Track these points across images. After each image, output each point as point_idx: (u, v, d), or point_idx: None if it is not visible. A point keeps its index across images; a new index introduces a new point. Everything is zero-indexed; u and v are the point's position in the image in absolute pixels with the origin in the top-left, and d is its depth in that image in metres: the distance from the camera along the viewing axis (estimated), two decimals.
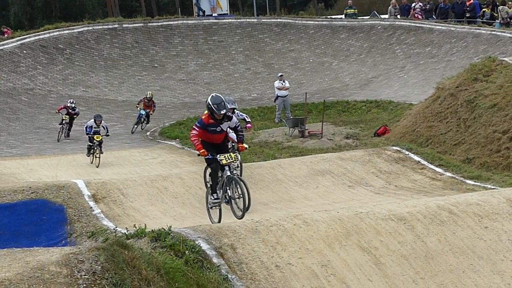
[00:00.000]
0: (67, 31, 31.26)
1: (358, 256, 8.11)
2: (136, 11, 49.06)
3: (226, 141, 11.22)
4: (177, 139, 21.97)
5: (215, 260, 7.67)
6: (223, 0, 34.61)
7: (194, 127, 10.82)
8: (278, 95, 24.33)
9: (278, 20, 33.73)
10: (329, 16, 37.22)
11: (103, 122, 20.24)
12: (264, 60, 31.67)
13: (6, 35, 31.26)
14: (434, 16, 31.03)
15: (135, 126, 24.37)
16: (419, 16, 31.17)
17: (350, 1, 34.83)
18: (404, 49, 29.96)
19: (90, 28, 31.89)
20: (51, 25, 32.27)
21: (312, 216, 8.74)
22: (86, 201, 12.30)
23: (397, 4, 32.41)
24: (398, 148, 15.98)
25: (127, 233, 8.26)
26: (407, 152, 15.70)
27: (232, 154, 10.86)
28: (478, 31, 27.96)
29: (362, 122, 21.67)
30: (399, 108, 22.69)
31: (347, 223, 8.57)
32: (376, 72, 29.37)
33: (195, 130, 10.74)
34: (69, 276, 6.32)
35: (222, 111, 10.55)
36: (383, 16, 36.10)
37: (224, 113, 10.59)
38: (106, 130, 19.93)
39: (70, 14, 42.86)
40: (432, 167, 14.86)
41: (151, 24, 32.85)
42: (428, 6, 31.25)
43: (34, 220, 11.78)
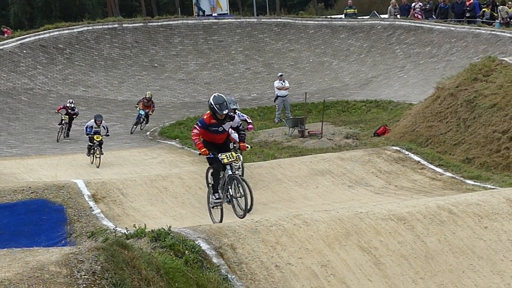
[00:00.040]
0: (67, 31, 31.25)
1: (358, 256, 8.11)
2: (136, 11, 49.06)
3: (228, 141, 11.15)
4: (177, 139, 21.97)
5: (215, 260, 7.67)
6: (223, 0, 34.60)
7: (195, 127, 10.75)
8: (278, 95, 24.32)
9: (278, 20, 33.71)
10: (329, 16, 37.22)
11: (104, 122, 20.23)
12: (264, 60, 31.66)
13: (6, 35, 31.24)
14: (434, 16, 31.02)
15: (134, 127, 24.35)
16: (419, 16, 31.17)
17: (350, 1, 34.84)
18: (404, 49, 29.95)
19: (90, 28, 31.87)
20: (51, 24, 32.25)
21: (312, 216, 8.73)
22: (86, 201, 12.29)
23: (397, 4, 32.40)
24: (398, 148, 15.97)
25: (127, 233, 8.26)
26: (407, 152, 15.69)
27: (234, 153, 10.79)
28: (478, 31, 27.96)
29: (362, 122, 21.66)
30: (399, 108, 22.68)
31: (347, 223, 8.57)
32: (376, 72, 29.36)
33: (196, 129, 10.67)
34: (68, 276, 6.32)
35: (224, 111, 10.45)
36: (383, 16, 36.12)
37: (226, 113, 10.47)
38: (106, 130, 19.91)
39: (70, 14, 42.87)
40: (432, 167, 14.85)
41: (151, 24, 32.83)
42: (428, 6, 31.24)
43: (34, 220, 11.78)
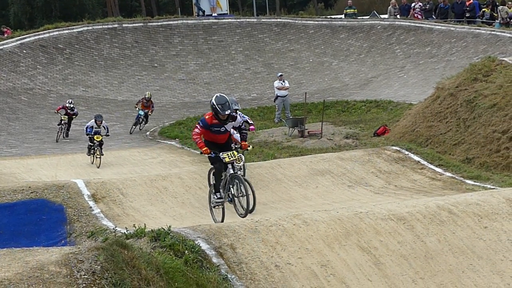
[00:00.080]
0: (67, 31, 31.25)
1: (357, 256, 8.10)
2: (136, 11, 49.06)
3: (230, 141, 11.12)
4: (176, 139, 21.97)
5: (214, 260, 7.67)
6: (223, 0, 34.61)
7: (196, 126, 10.71)
8: (278, 95, 24.32)
9: (278, 20, 33.71)
10: (328, 16, 37.22)
11: (104, 122, 20.23)
12: (264, 60, 31.66)
13: (6, 35, 31.24)
14: (433, 16, 31.02)
15: (133, 127, 24.35)
16: (419, 16, 31.17)
17: (350, 1, 34.84)
18: (403, 49, 29.95)
19: (90, 28, 31.87)
20: (50, 24, 32.26)
21: (311, 216, 8.73)
22: (85, 200, 12.28)
23: (396, 4, 32.41)
24: (398, 148, 15.97)
25: (126, 233, 8.26)
26: (407, 152, 15.69)
27: (235, 152, 10.75)
28: (477, 31, 27.96)
29: (361, 122, 21.67)
30: (399, 108, 22.68)
31: (347, 223, 8.56)
32: (376, 72, 29.36)
33: (197, 129, 10.65)
34: (68, 276, 6.31)
35: (227, 111, 10.38)
36: (382, 16, 36.11)
37: (228, 113, 10.42)
38: (106, 130, 19.91)
39: (69, 14, 42.89)
40: (431, 167, 14.85)
41: (151, 24, 32.83)
42: (428, 6, 31.24)
43: (33, 220, 11.77)
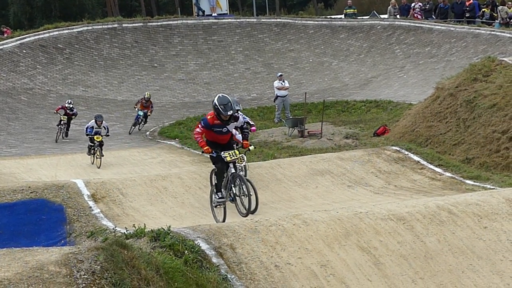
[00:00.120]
0: (67, 31, 31.25)
1: (357, 256, 8.10)
2: (135, 10, 49.06)
3: (232, 141, 11.09)
4: (176, 139, 21.97)
5: (214, 260, 7.66)
6: (223, 0, 34.62)
7: (197, 125, 10.70)
8: (278, 95, 24.32)
9: (278, 20, 33.71)
10: (328, 16, 37.23)
11: (104, 122, 20.23)
12: (264, 60, 31.65)
13: (6, 35, 31.25)
14: (433, 16, 31.03)
15: (133, 127, 24.35)
16: (419, 16, 31.18)
17: (349, 1, 34.85)
18: (403, 49, 29.95)
19: (90, 27, 31.87)
20: (50, 24, 32.27)
21: (311, 216, 8.73)
22: (85, 200, 12.27)
23: (396, 4, 32.42)
24: (398, 148, 15.96)
25: (126, 232, 8.25)
26: (407, 152, 15.69)
27: (237, 151, 10.72)
28: (477, 31, 27.97)
29: (361, 122, 21.67)
30: (399, 108, 22.68)
31: (347, 223, 8.56)
32: (376, 72, 29.36)
33: (198, 128, 10.63)
34: (68, 276, 6.31)
35: (229, 112, 10.35)
36: (382, 16, 36.12)
37: (231, 114, 10.38)
38: (106, 130, 19.90)
39: (69, 14, 42.92)
40: (431, 167, 14.84)
41: (150, 24, 32.83)
42: (428, 6, 31.25)
43: (33, 220, 11.76)
